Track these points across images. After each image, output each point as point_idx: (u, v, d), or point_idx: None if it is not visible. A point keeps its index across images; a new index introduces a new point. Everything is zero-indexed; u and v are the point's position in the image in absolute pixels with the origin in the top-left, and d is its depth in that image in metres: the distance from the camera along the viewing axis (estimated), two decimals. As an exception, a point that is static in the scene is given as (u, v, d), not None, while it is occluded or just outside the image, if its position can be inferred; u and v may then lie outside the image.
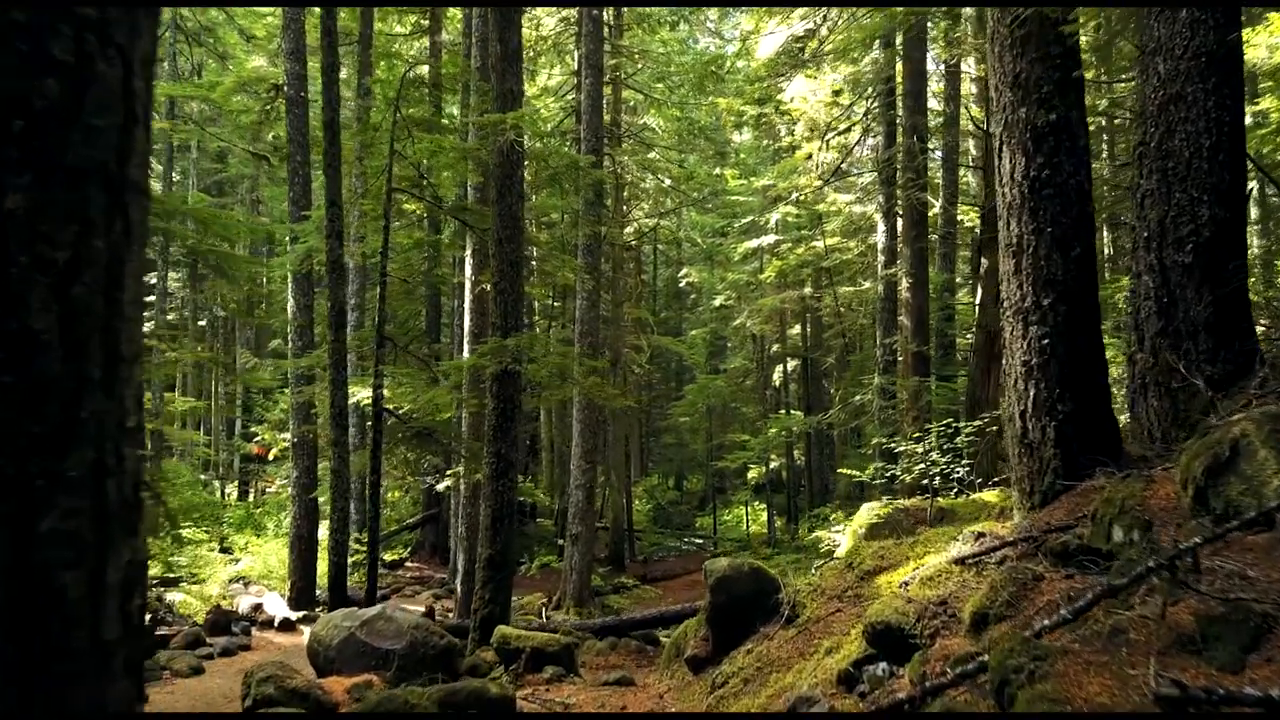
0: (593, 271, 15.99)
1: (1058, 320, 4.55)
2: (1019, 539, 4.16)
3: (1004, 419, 4.85)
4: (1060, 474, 4.48)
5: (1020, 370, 4.68)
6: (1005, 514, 5.60)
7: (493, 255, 9.19)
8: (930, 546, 5.29)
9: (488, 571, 8.81)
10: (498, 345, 8.63)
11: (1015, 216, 4.72)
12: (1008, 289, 4.77)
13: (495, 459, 8.95)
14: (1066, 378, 4.52)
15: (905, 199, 14.36)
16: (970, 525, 6.05)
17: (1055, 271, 4.57)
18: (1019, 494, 4.72)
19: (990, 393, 14.28)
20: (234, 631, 12.75)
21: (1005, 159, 4.78)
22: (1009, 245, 4.75)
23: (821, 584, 5.94)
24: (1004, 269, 4.82)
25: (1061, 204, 4.59)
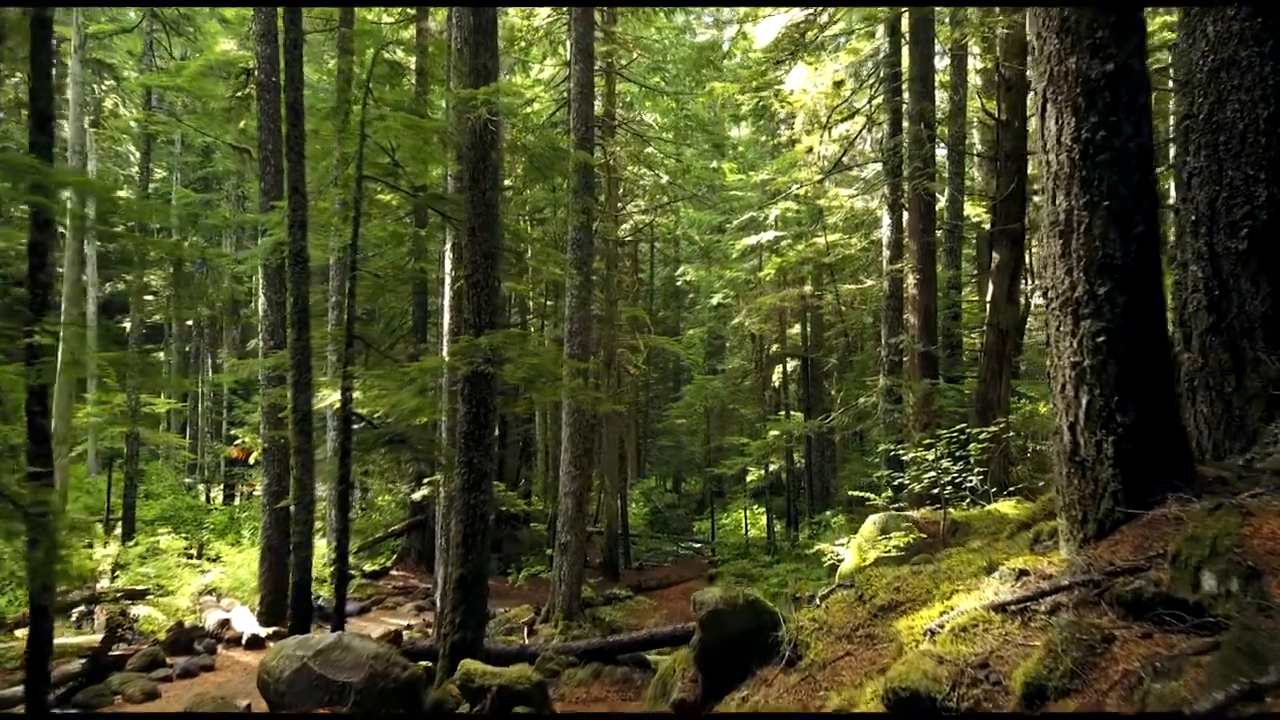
0: (583, 267, 15.18)
1: (1115, 312, 3.75)
2: (1075, 582, 3.36)
3: (1050, 431, 4.05)
4: (1121, 499, 3.69)
5: (1069, 374, 3.88)
6: (1042, 541, 4.80)
7: (465, 246, 8.40)
8: (957, 581, 4.49)
9: (458, 594, 8.02)
10: (469, 344, 7.84)
11: (1063, 188, 3.92)
12: (1053, 276, 3.97)
13: (467, 469, 8.16)
14: (1127, 382, 3.72)
15: (912, 190, 13.56)
16: (998, 550, 5.26)
17: (1112, 253, 3.77)
18: (1067, 522, 3.92)
19: (1002, 395, 13.49)
20: (197, 650, 11.96)
21: (1050, 119, 3.98)
22: (1055, 223, 3.95)
23: (828, 619, 5.14)
24: (1048, 252, 4.02)
25: (1120, 172, 3.79)
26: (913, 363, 14.06)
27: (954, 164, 17.21)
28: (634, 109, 25.48)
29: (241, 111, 14.13)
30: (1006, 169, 13.32)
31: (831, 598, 5.65)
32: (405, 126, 8.73)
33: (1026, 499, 10.99)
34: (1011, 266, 13.47)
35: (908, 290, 14.07)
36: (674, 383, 40.57)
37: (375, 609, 16.06)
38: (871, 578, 5.24)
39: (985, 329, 13.85)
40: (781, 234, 23.75)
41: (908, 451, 10.78)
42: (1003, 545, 6.09)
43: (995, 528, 9.40)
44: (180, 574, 15.05)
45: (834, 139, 20.15)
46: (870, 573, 5.32)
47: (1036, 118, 4.14)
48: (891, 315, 14.52)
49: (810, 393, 26.14)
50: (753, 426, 29.27)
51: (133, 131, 24.14)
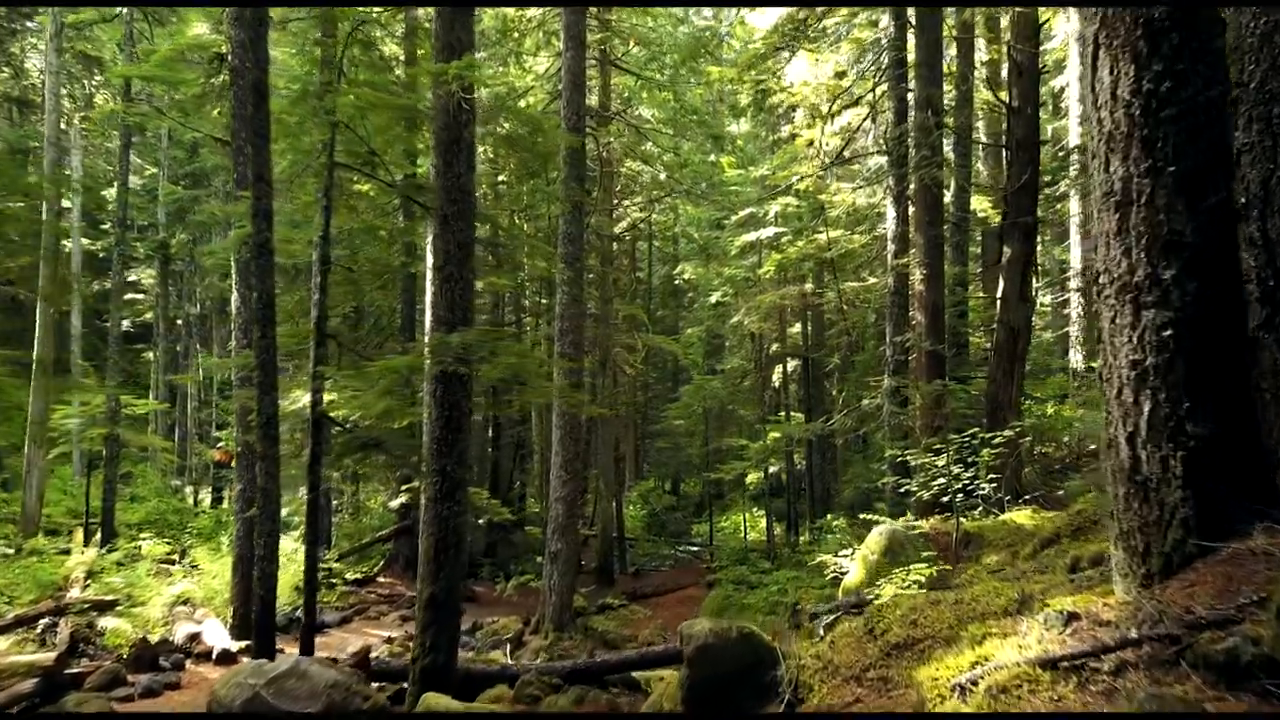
0: (574, 262, 14.52)
1: (1185, 300, 3.09)
2: (1145, 635, 2.70)
3: (1101, 444, 3.38)
4: (1193, 528, 3.02)
5: (1127, 374, 3.21)
6: (1082, 569, 4.14)
7: (437, 236, 7.74)
8: (987, 620, 3.82)
9: (428, 613, 7.36)
10: (438, 342, 7.18)
11: (1119, 151, 3.26)
12: (1107, 257, 3.30)
13: (439, 477, 7.50)
14: (1199, 384, 3.06)
15: (918, 180, 12.89)
16: (1031, 579, 4.59)
17: (1180, 229, 3.11)
18: (1124, 554, 3.25)
19: (1013, 396, 12.82)
20: (162, 667, 11.30)
21: (1103, 69, 3.32)
22: (1109, 194, 3.29)
23: (833, 656, 4.48)
24: (1100, 228, 3.36)
25: (1188, 130, 3.13)
26: (919, 362, 13.40)
27: (960, 155, 16.55)
28: (632, 105, 24.80)
29: (215, 99, 13.46)
30: (1018, 158, 12.65)
31: (837, 628, 4.98)
32: (370, 104, 8.08)
33: (1042, 508, 10.32)
34: (1023, 261, 12.81)
35: (914, 286, 13.40)
36: (673, 383, 39.90)
37: (358, 619, 15.39)
38: (883, 607, 4.57)
39: (995, 327, 13.18)
40: (782, 230, 23.07)
41: (915, 457, 10.12)
42: (1028, 568, 5.44)
43: (1011, 540, 8.73)
44: (151, 583, 14.38)
45: (835, 132, 19.49)
46: (881, 601, 4.64)
47: (1085, 69, 3.47)
48: (896, 312, 13.86)
49: (811, 393, 25.47)
50: (752, 428, 28.60)
51: (117, 124, 23.37)
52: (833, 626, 5.14)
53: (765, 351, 28.34)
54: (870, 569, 9.36)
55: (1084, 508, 6.33)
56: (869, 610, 4.63)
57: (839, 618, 5.31)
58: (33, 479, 19.20)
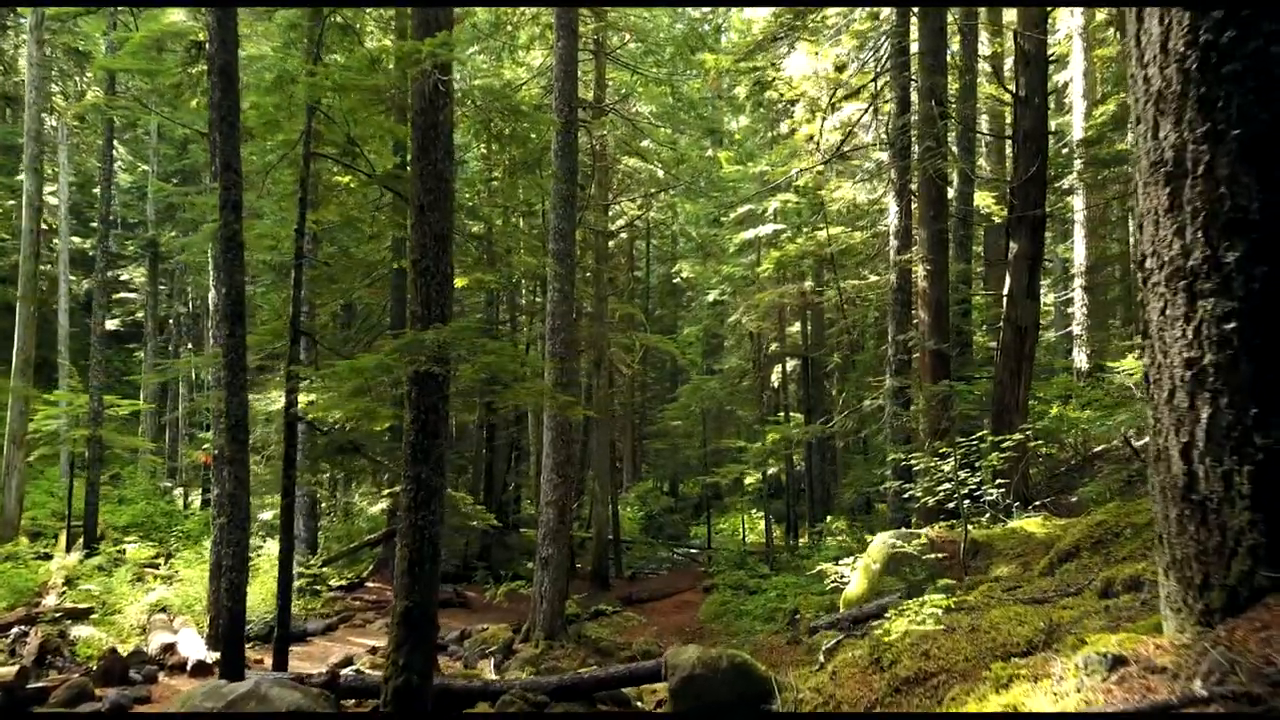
0: (565, 259, 14.05)
1: (1251, 288, 2.62)
2: (1214, 692, 2.22)
3: (1149, 456, 2.91)
4: (1263, 557, 2.56)
5: (1180, 374, 2.74)
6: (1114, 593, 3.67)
7: (412, 227, 7.27)
8: (1013, 660, 3.35)
9: (402, 630, 6.88)
10: (413, 340, 6.70)
11: (1170, 114, 2.79)
12: (1155, 238, 2.83)
13: (414, 485, 7.02)
14: (1268, 387, 2.59)
15: (922, 173, 12.42)
16: (1058, 606, 4.12)
17: (1245, 204, 2.63)
18: (1178, 585, 2.78)
19: (1021, 398, 12.35)
20: (133, 680, 10.79)
21: (1152, 18, 2.85)
22: (1158, 163, 2.82)
23: (835, 690, 4.01)
24: (1147, 205, 2.89)
25: (1256, 88, 2.66)
26: (923, 362, 12.94)
27: (964, 149, 16.10)
28: (629, 101, 24.33)
29: (193, 89, 12.97)
30: (1025, 150, 12.18)
31: (839, 656, 4.50)
32: (339, 85, 7.62)
33: (1052, 515, 9.86)
34: (1031, 257, 12.34)
35: (917, 283, 12.94)
36: (672, 383, 39.47)
37: (343, 626, 14.92)
38: (892, 636, 4.09)
39: (1001, 325, 12.72)
40: (780, 227, 22.60)
41: (919, 460, 9.65)
42: (1048, 587, 4.96)
43: (1022, 550, 8.26)
44: (128, 590, 13.89)
45: (836, 127, 19.03)
46: (889, 628, 4.17)
47: (1130, 22, 3.00)
48: (899, 310, 13.39)
49: (811, 394, 25.00)
50: (751, 429, 28.15)
51: (102, 117, 22.85)
52: (834, 652, 4.67)
53: (764, 351, 27.87)
54: (872, 579, 8.90)
55: (1105, 518, 5.86)
56: (876, 638, 4.16)
57: (841, 642, 4.83)
58: (12, 481, 18.73)
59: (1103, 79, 22.28)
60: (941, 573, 8.43)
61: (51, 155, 29.20)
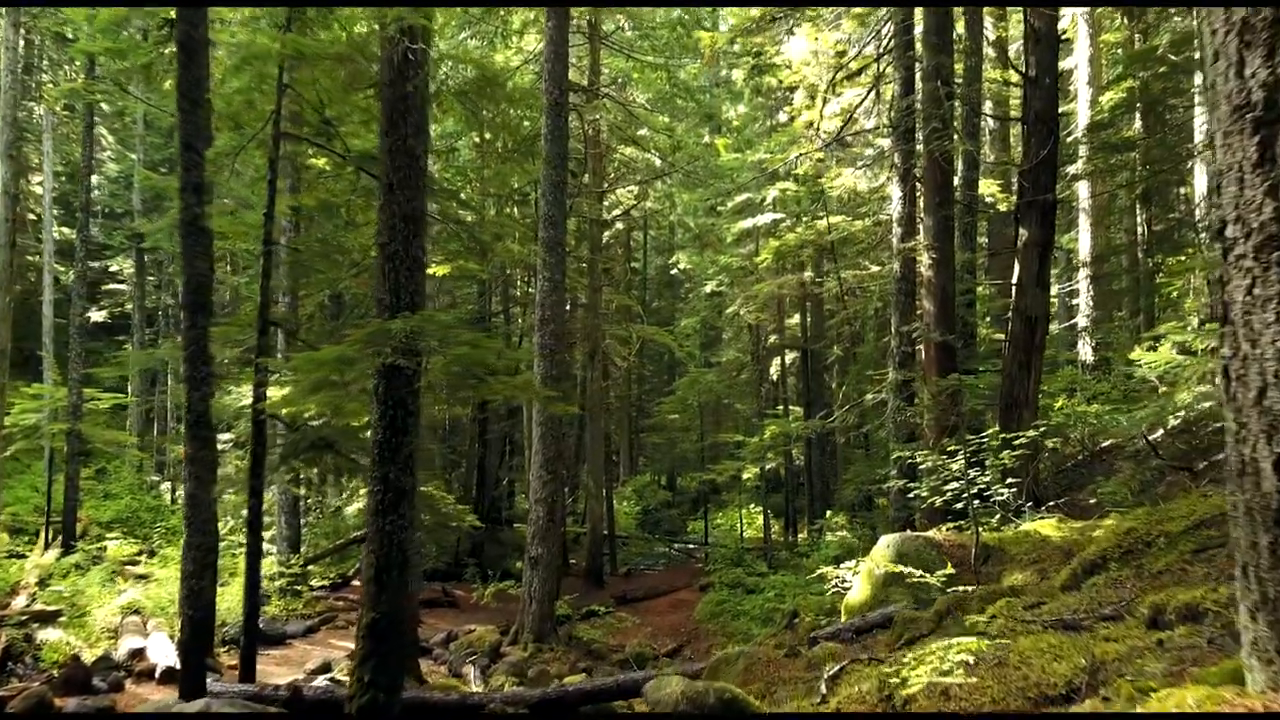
0: (556, 247, 13.50)
1: (1367, 260, 2.07)
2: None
3: (1229, 469, 2.35)
4: (1385, 601, 2.01)
5: (1273, 368, 2.20)
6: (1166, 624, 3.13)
7: (380, 207, 6.72)
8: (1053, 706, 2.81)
9: (369, 642, 6.36)
10: (377, 330, 6.16)
11: (1259, 45, 2.25)
12: (1239, 199, 2.29)
13: (381, 487, 6.49)
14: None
15: (927, 156, 11.86)
16: (1096, 635, 3.59)
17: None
18: (1270, 632, 2.24)
19: (1030, 392, 11.80)
20: (97, 688, 10.26)
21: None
22: (1241, 108, 2.28)
23: (839, 731, 3.47)
24: (1229, 159, 2.35)
25: (1372, 9, 2.11)
26: (927, 354, 12.39)
27: (969, 134, 15.52)
28: (626, 90, 23.72)
29: (165, 70, 12.40)
30: (1036, 132, 11.61)
31: (844, 686, 3.97)
32: (301, 53, 7.06)
33: (1067, 516, 9.34)
34: (1041, 244, 11.78)
35: (921, 272, 12.39)
36: (669, 375, 38.89)
37: (325, 628, 14.40)
38: (911, 687, 3.55)
39: (1010, 316, 12.17)
40: (779, 216, 22.03)
41: (925, 458, 9.10)
42: (1077, 605, 4.43)
43: (1037, 555, 7.72)
44: (100, 591, 13.37)
45: (836, 113, 18.47)
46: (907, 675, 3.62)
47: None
48: (903, 300, 12.83)
49: (810, 387, 24.45)
50: (749, 423, 27.63)
51: (83, 103, 22.25)
52: (838, 682, 4.14)
53: (763, 343, 27.33)
54: (876, 586, 8.37)
55: (1134, 525, 5.32)
56: (885, 674, 3.62)
57: (845, 669, 4.29)
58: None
59: (1109, 64, 21.70)
60: (950, 578, 7.90)
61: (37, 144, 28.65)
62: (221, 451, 18.55)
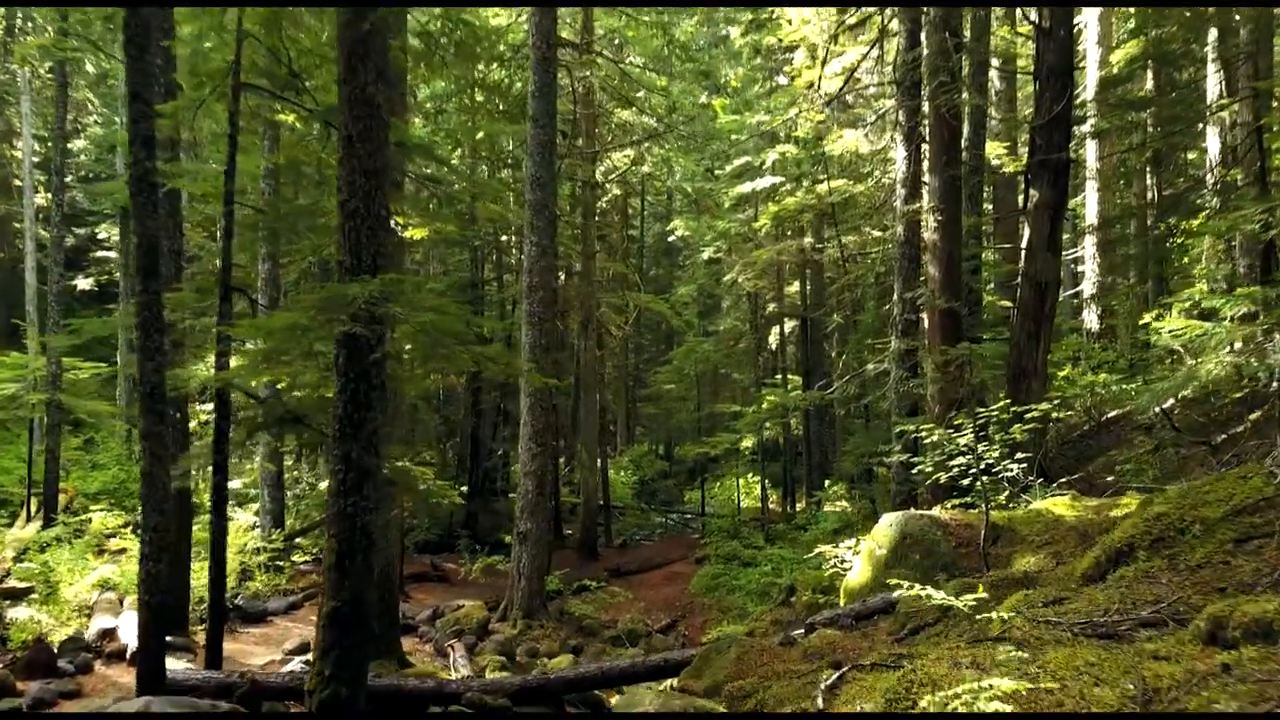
0: (543, 210, 12.91)
1: None
2: None
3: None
4: None
5: None
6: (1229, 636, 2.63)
7: (339, 161, 6.15)
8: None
9: (330, 632, 5.89)
10: (333, 294, 5.62)
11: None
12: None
13: (343, 466, 5.98)
14: None
15: (934, 112, 11.24)
16: (1140, 651, 3.09)
17: None
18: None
19: (1039, 362, 11.27)
20: (62, 671, 9.82)
21: None
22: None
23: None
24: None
25: None
26: (932, 322, 11.85)
27: (978, 90, 14.86)
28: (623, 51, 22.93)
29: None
30: (1049, 86, 10.97)
31: (843, 700, 3.48)
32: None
33: (1080, 494, 8.85)
34: (1053, 206, 11.18)
35: (927, 235, 11.82)
36: (667, 344, 38.38)
37: (308, 605, 13.96)
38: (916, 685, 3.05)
39: (1019, 282, 11.60)
40: (779, 180, 21.37)
41: (930, 432, 8.58)
42: (1109, 604, 3.93)
43: (1050, 537, 7.22)
44: (73, 567, 12.92)
45: (838, 73, 17.77)
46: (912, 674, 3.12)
47: None
48: (907, 265, 12.26)
49: (810, 356, 23.92)
50: (747, 392, 27.15)
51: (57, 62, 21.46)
52: (836, 693, 3.65)
53: (761, 312, 26.77)
54: (878, 567, 7.90)
55: (1164, 510, 4.82)
56: (895, 688, 3.12)
57: (844, 676, 3.80)
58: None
59: (1119, 20, 20.96)
60: (956, 562, 7.43)
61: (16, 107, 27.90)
62: (205, 423, 18.12)
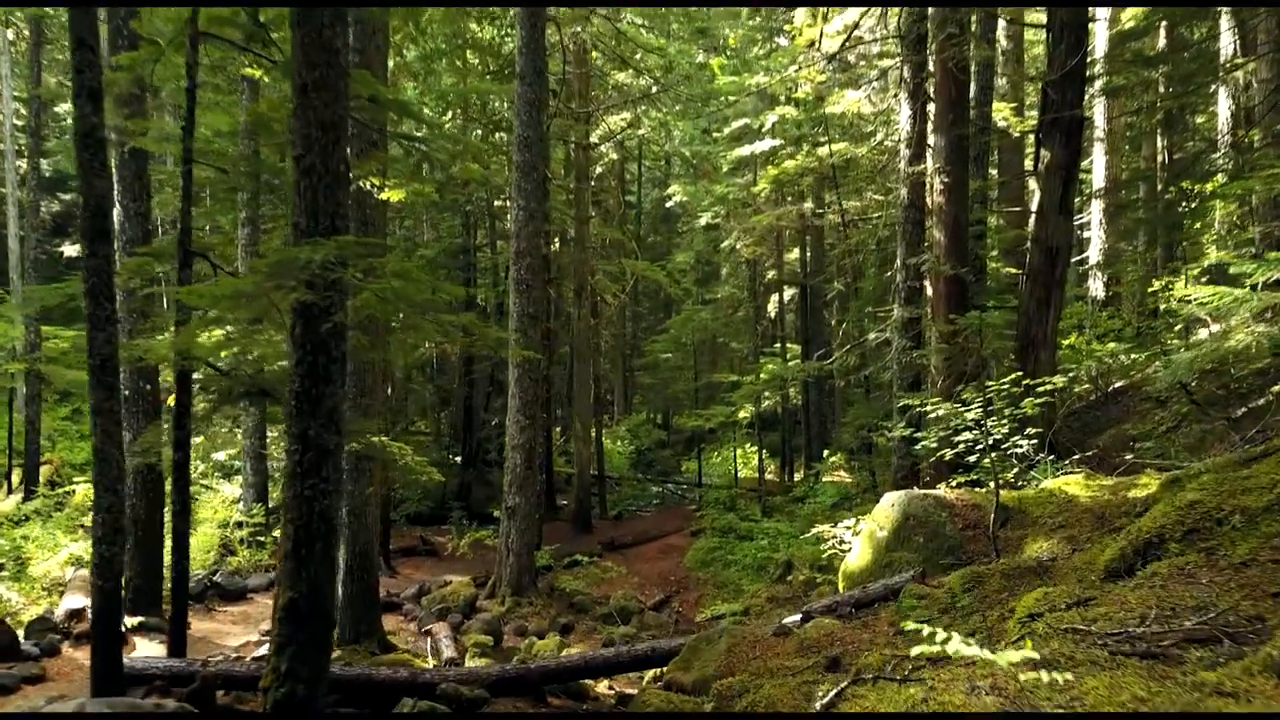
0: (531, 172, 12.33)
1: None
2: None
3: None
4: None
5: None
6: None
7: (294, 113, 5.60)
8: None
9: (287, 626, 5.44)
10: (284, 258, 5.10)
11: None
12: None
13: (300, 445, 5.50)
14: None
15: (940, 66, 10.63)
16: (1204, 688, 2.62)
17: None
18: None
19: (1049, 331, 10.76)
20: (26, 653, 9.42)
21: None
22: None
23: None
24: None
25: None
26: (936, 290, 11.31)
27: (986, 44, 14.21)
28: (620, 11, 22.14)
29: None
30: (1065, 39, 10.36)
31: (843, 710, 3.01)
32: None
33: (1094, 472, 8.39)
34: (1065, 167, 10.60)
35: (932, 198, 11.25)
36: (666, 313, 37.82)
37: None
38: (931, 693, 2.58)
39: (1029, 247, 11.06)
40: (778, 143, 20.72)
41: (934, 406, 8.09)
42: (1139, 605, 3.47)
43: (1064, 519, 6.75)
44: (45, 542, 12.51)
45: (840, 31, 17.07)
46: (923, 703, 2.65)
47: None
48: (911, 230, 11.68)
49: (809, 324, 23.40)
50: (745, 362, 26.68)
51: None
52: (834, 706, 3.19)
53: (760, 279, 26.21)
54: (879, 550, 7.45)
55: (1198, 497, 4.34)
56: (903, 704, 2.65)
57: (844, 693, 3.33)
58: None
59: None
60: (963, 546, 6.98)
61: None
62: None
